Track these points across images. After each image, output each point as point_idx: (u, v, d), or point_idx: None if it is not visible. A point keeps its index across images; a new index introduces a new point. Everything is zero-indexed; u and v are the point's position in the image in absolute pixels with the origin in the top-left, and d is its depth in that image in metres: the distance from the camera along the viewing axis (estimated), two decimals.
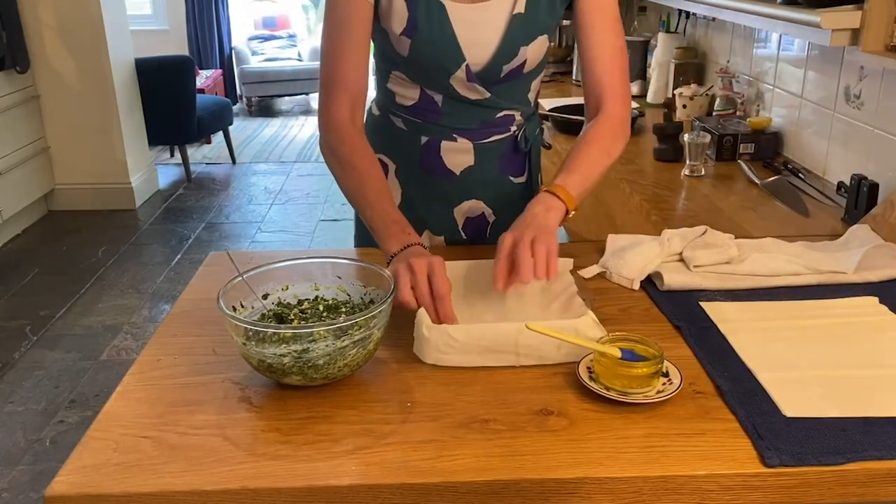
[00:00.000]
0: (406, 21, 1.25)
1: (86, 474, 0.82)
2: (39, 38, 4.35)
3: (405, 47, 1.28)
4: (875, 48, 1.54)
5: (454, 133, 1.38)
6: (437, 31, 1.25)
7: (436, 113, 1.36)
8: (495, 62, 1.29)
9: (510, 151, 1.42)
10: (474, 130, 1.38)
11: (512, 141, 1.42)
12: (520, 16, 1.27)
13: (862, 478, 0.83)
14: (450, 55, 1.28)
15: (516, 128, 1.41)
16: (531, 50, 1.30)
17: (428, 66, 1.30)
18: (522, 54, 1.30)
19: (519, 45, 1.29)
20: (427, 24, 1.25)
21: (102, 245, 4.19)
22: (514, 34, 1.28)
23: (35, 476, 2.38)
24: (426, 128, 1.38)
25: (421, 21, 1.25)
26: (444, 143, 1.38)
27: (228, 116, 5.67)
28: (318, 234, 4.41)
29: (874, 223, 1.43)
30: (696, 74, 2.77)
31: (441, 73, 1.30)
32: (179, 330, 1.13)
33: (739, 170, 2.01)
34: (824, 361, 1.01)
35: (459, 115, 1.36)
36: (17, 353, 3.10)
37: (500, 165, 1.42)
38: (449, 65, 1.29)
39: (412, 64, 1.31)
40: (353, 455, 0.85)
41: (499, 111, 1.37)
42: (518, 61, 1.30)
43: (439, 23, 1.25)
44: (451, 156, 1.40)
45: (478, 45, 1.28)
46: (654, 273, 1.25)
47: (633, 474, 0.82)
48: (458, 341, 1.00)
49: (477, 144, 1.39)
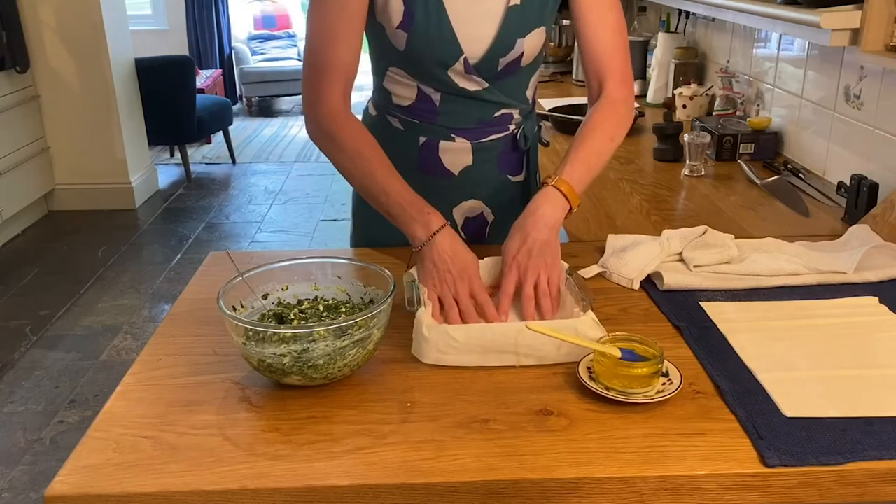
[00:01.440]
0: (402, 14, 1.25)
1: (86, 474, 0.82)
2: (39, 38, 4.35)
3: (402, 41, 1.27)
4: (875, 48, 1.54)
5: (452, 133, 1.37)
6: (435, 25, 1.25)
7: (433, 112, 1.36)
8: (492, 54, 1.29)
9: (508, 150, 1.42)
10: (472, 130, 1.38)
11: (510, 139, 1.41)
12: (516, 7, 1.27)
13: (862, 478, 0.83)
14: (447, 48, 1.27)
15: (515, 126, 1.41)
16: (528, 42, 1.30)
17: (425, 59, 1.30)
18: (519, 46, 1.29)
19: (516, 37, 1.29)
20: (424, 18, 1.24)
21: (102, 245, 4.19)
22: (510, 26, 1.27)
23: (35, 476, 2.38)
24: (424, 128, 1.37)
25: (418, 14, 1.24)
26: (442, 143, 1.38)
27: (228, 116, 5.67)
28: (318, 234, 4.41)
29: (874, 223, 1.43)
30: (696, 74, 2.77)
31: (438, 66, 1.30)
32: (179, 330, 1.13)
33: (739, 170, 2.01)
34: (824, 361, 1.01)
35: (457, 114, 1.36)
36: (17, 353, 3.10)
37: (499, 165, 1.42)
38: (446, 58, 1.28)
39: (409, 58, 1.30)
40: (353, 455, 0.85)
41: (497, 109, 1.37)
42: (515, 53, 1.30)
43: (437, 15, 1.25)
44: (450, 156, 1.39)
45: (475, 38, 1.27)
46: (654, 273, 1.25)
47: (632, 474, 0.82)
48: (458, 341, 1.00)
49: (475, 144, 1.39)
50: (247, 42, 7.50)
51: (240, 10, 7.61)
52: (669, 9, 2.92)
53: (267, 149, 6.19)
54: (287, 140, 6.46)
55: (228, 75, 7.23)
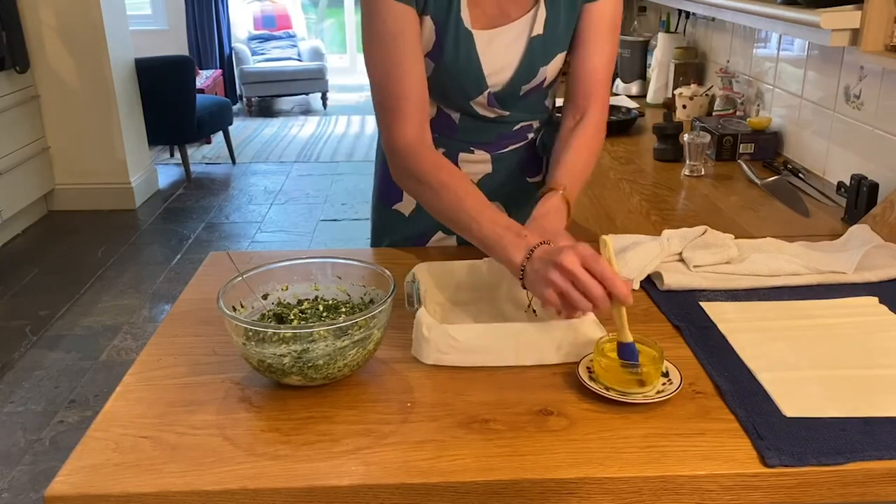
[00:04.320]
0: (433, 45, 1.24)
1: (86, 474, 0.82)
2: (39, 38, 4.35)
3: (429, 68, 1.27)
4: (875, 48, 1.54)
5: (471, 146, 1.39)
6: (463, 60, 1.25)
7: (453, 129, 1.37)
8: (514, 83, 1.30)
9: (527, 157, 1.44)
10: (492, 143, 1.39)
11: (529, 146, 1.43)
12: (539, 37, 1.26)
13: (862, 478, 0.83)
14: (473, 83, 1.28)
15: (533, 134, 1.42)
16: (550, 68, 1.31)
17: (448, 89, 1.30)
18: (542, 74, 1.30)
19: (538, 66, 1.29)
20: (454, 52, 1.24)
21: (102, 245, 4.19)
22: (533, 56, 1.27)
23: (35, 476, 2.38)
24: (443, 141, 1.37)
25: (448, 48, 1.24)
26: (461, 154, 1.39)
27: (228, 116, 5.67)
28: (318, 234, 4.41)
29: (874, 223, 1.43)
30: (696, 74, 2.77)
31: (461, 96, 1.31)
32: (179, 330, 1.13)
33: (739, 170, 2.01)
34: (824, 361, 1.01)
35: (476, 131, 1.37)
36: (17, 353, 3.10)
37: (517, 169, 1.44)
38: (470, 91, 1.29)
39: (433, 83, 1.28)
40: (353, 455, 0.85)
41: (516, 124, 1.38)
42: (537, 80, 1.31)
43: (466, 51, 1.24)
44: (469, 166, 1.40)
45: (498, 70, 1.28)
46: (654, 273, 1.25)
47: (632, 474, 0.82)
48: (458, 341, 1.00)
49: (494, 155, 1.40)
50: (247, 42, 7.49)
51: (240, 10, 7.61)
52: (669, 9, 2.92)
53: (267, 149, 6.19)
54: (287, 140, 6.46)
55: (228, 75, 7.23)
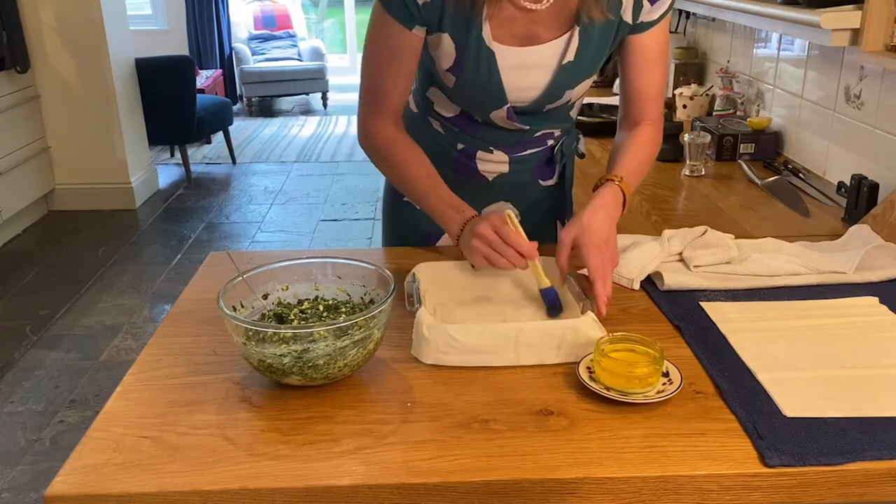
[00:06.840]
0: (453, 61, 1.24)
1: (86, 474, 0.82)
2: (39, 38, 4.34)
3: (450, 81, 1.28)
4: (875, 48, 1.54)
5: (491, 146, 1.39)
6: (484, 76, 1.24)
7: (474, 129, 1.37)
8: (539, 103, 1.30)
9: (545, 162, 1.44)
10: (512, 146, 1.39)
11: (548, 151, 1.43)
12: (570, 64, 1.25)
13: (862, 478, 0.83)
14: (493, 98, 1.28)
15: (554, 141, 1.42)
16: (576, 91, 1.31)
17: (468, 101, 1.31)
18: (567, 96, 1.30)
19: (565, 90, 1.29)
20: (474, 68, 1.24)
21: (102, 245, 4.19)
22: (561, 81, 1.27)
23: (35, 476, 2.38)
24: (463, 137, 1.38)
25: (468, 64, 1.23)
26: (480, 152, 1.40)
27: (228, 116, 5.67)
28: (318, 234, 4.41)
29: (874, 223, 1.43)
30: (696, 74, 2.77)
31: (481, 109, 1.31)
32: (179, 330, 1.13)
33: (739, 170, 2.01)
34: (824, 361, 1.01)
35: (497, 134, 1.37)
36: (17, 353, 3.10)
37: (533, 172, 1.44)
38: (490, 105, 1.29)
39: (454, 93, 1.31)
40: (353, 455, 0.85)
41: (538, 131, 1.38)
42: (562, 101, 1.31)
43: (487, 68, 1.23)
44: (486, 165, 1.41)
45: (523, 90, 1.27)
46: (654, 273, 1.25)
47: (632, 474, 0.82)
48: (458, 341, 1.00)
49: (513, 157, 1.40)
50: (247, 42, 7.49)
51: (240, 10, 7.61)
52: None
53: (267, 149, 6.19)
54: (287, 140, 6.45)
55: (229, 75, 7.23)
